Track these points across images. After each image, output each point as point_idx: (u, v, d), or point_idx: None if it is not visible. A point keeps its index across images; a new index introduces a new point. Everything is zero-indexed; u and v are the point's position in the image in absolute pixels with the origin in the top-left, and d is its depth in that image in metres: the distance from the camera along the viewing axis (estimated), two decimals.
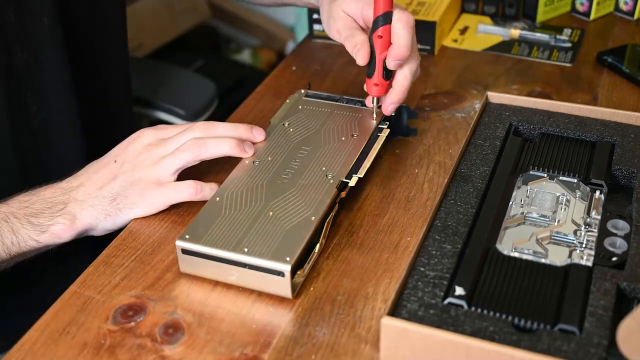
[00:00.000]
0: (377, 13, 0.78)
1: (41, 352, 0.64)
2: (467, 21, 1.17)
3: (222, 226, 0.70)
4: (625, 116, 0.85)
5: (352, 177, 0.77)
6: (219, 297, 0.69)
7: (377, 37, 0.78)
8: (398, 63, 0.79)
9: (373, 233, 0.76)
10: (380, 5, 0.77)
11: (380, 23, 0.78)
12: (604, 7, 1.18)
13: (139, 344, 0.64)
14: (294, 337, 0.65)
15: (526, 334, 0.60)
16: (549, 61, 1.07)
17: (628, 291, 0.65)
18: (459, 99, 0.98)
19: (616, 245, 0.69)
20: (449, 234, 0.70)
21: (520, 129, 0.86)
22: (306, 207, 0.73)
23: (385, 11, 0.77)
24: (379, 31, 0.78)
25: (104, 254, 0.74)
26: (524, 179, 0.78)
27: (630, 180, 0.78)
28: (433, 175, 0.83)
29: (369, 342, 0.64)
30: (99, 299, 0.69)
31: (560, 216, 0.73)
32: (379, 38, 0.78)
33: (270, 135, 0.83)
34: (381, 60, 0.79)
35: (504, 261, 0.67)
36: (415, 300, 0.64)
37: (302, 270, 0.69)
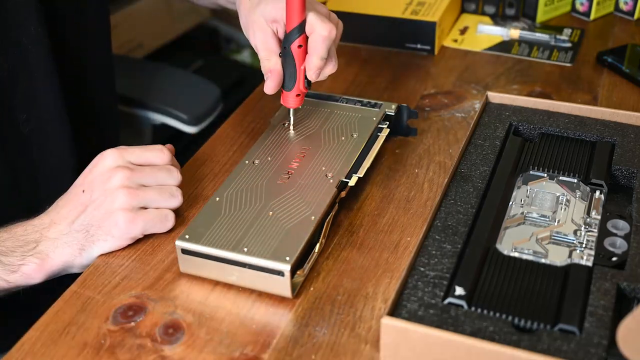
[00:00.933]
0: (292, 25, 0.76)
1: (41, 352, 0.64)
2: (467, 21, 1.17)
3: (222, 226, 0.70)
4: (625, 116, 0.85)
5: (352, 177, 0.77)
6: (219, 297, 0.69)
7: (297, 47, 0.77)
8: (318, 74, 0.78)
9: (373, 233, 0.76)
10: (294, 17, 0.75)
11: (296, 35, 0.76)
12: (604, 7, 1.18)
13: (139, 344, 0.64)
14: (294, 337, 0.65)
15: (526, 334, 0.60)
16: (549, 61, 1.07)
17: (628, 291, 0.65)
18: (459, 99, 0.98)
19: (616, 245, 0.69)
20: (449, 234, 0.70)
21: (520, 129, 0.86)
22: (306, 207, 0.73)
23: (300, 21, 0.76)
24: (297, 42, 0.76)
25: (104, 254, 0.74)
26: (524, 179, 0.78)
27: (630, 180, 0.78)
28: (433, 175, 0.83)
29: (369, 342, 0.64)
30: (99, 299, 0.69)
31: (560, 216, 0.73)
32: (298, 48, 0.77)
33: (270, 135, 0.83)
34: (302, 70, 0.78)
35: (504, 261, 0.67)
36: (415, 300, 0.64)
37: (302, 270, 0.69)
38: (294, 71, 0.78)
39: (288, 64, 0.78)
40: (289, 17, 0.76)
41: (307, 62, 0.77)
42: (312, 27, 0.75)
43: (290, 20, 0.76)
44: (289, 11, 0.75)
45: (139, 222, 0.72)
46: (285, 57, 0.78)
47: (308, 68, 0.77)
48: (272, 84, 0.78)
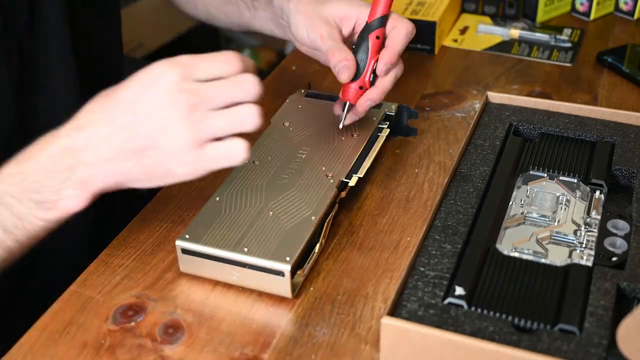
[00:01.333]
0: (375, 15, 0.78)
1: (41, 352, 0.64)
2: (467, 21, 1.17)
3: (222, 226, 0.70)
4: (625, 116, 0.85)
5: (352, 177, 0.77)
6: (219, 297, 0.69)
7: (375, 38, 0.77)
8: (389, 68, 0.78)
9: (373, 233, 0.76)
10: (379, 7, 0.77)
11: (377, 25, 0.77)
12: (604, 7, 1.18)
13: (139, 344, 0.64)
14: (294, 337, 0.65)
15: (526, 334, 0.60)
16: (549, 61, 1.07)
17: (628, 291, 0.65)
18: (459, 99, 0.98)
19: (616, 245, 0.69)
20: (449, 234, 0.70)
21: (520, 129, 0.86)
22: (306, 207, 0.73)
23: (383, 14, 0.77)
24: (376, 32, 0.77)
25: (104, 254, 0.74)
26: (524, 179, 0.78)
27: (630, 180, 0.78)
28: (433, 175, 0.83)
29: (369, 342, 0.64)
30: (99, 299, 0.69)
31: (560, 216, 0.73)
32: (376, 39, 0.77)
33: (270, 135, 0.83)
34: (372, 63, 0.78)
35: (504, 261, 0.67)
36: (415, 300, 0.64)
37: (302, 270, 0.69)
38: (365, 60, 0.78)
39: (360, 54, 0.78)
40: (374, 6, 0.77)
41: (383, 55, 0.77)
42: (395, 21, 0.77)
43: (374, 10, 0.77)
44: (377, 1, 0.77)
45: (203, 162, 0.63)
46: (359, 46, 0.78)
47: (382, 61, 0.77)
48: (349, 73, 0.77)
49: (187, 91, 0.61)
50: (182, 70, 0.62)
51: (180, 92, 0.61)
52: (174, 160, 0.62)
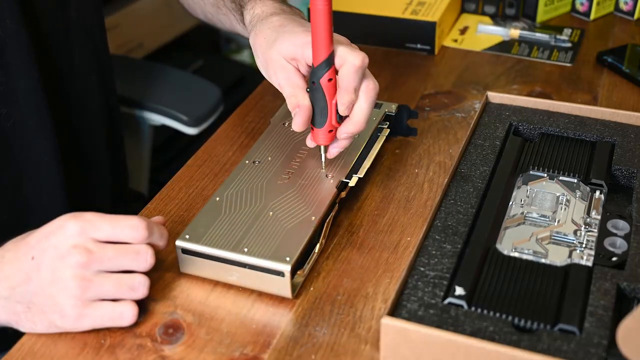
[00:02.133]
0: (320, 59, 0.71)
1: (41, 352, 0.64)
2: (467, 21, 1.17)
3: (222, 226, 0.70)
4: (625, 116, 0.85)
5: (352, 177, 0.77)
6: (219, 297, 0.69)
7: (327, 82, 0.72)
8: (350, 108, 0.72)
9: (373, 233, 0.76)
10: (321, 50, 0.70)
11: (324, 69, 0.71)
12: (604, 7, 1.18)
13: (139, 344, 0.64)
14: (294, 337, 0.65)
15: (526, 334, 0.60)
16: (549, 61, 1.07)
17: (628, 291, 0.65)
18: (459, 99, 0.98)
19: (616, 245, 0.69)
20: (449, 234, 0.70)
21: (520, 129, 0.86)
22: (306, 207, 0.73)
23: (328, 54, 0.71)
24: (326, 75, 0.71)
25: None
26: (524, 179, 0.78)
27: (630, 180, 0.78)
28: (433, 175, 0.83)
29: (369, 342, 0.64)
30: None
31: (560, 216, 0.73)
32: (328, 82, 0.72)
33: (270, 135, 0.83)
34: (334, 104, 0.72)
35: (504, 261, 0.67)
36: (415, 300, 0.64)
37: (302, 270, 0.69)
38: (325, 106, 0.73)
39: (318, 100, 0.73)
40: (315, 50, 0.70)
41: (339, 96, 0.72)
42: (343, 59, 0.71)
43: (317, 54, 0.71)
44: (316, 44, 0.70)
45: (86, 320, 0.63)
46: (315, 93, 0.73)
47: (340, 102, 0.72)
48: (300, 120, 0.73)
49: (81, 247, 0.62)
50: (82, 226, 0.63)
51: (74, 247, 0.62)
52: (57, 312, 0.63)
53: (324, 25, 0.69)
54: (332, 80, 0.72)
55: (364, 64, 0.71)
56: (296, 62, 0.73)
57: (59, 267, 0.62)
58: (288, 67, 0.74)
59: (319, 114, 0.73)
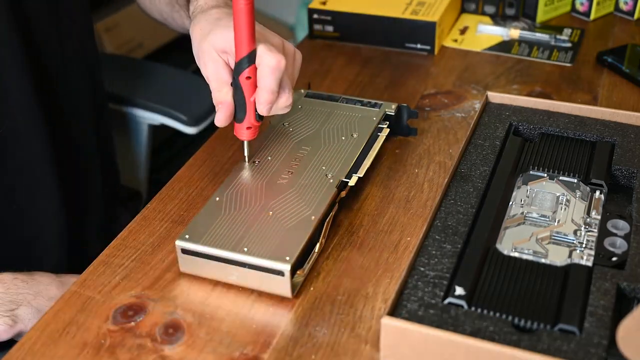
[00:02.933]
0: (241, 54, 0.71)
1: (41, 352, 0.64)
2: (467, 21, 1.17)
3: (222, 226, 0.70)
4: (625, 116, 0.85)
5: (352, 177, 0.77)
6: (219, 297, 0.69)
7: (245, 79, 0.72)
8: (269, 108, 0.73)
9: (373, 233, 0.76)
10: (242, 47, 0.71)
11: (245, 65, 0.71)
12: (604, 7, 1.18)
13: (139, 344, 0.64)
14: (294, 337, 0.65)
15: (526, 334, 0.60)
16: (549, 61, 1.07)
17: (628, 291, 0.65)
18: (459, 99, 0.98)
19: (616, 245, 0.69)
20: (449, 233, 0.70)
21: (520, 129, 0.86)
22: (306, 207, 0.73)
23: (249, 52, 0.71)
24: (245, 73, 0.72)
25: (104, 254, 0.74)
26: (524, 179, 0.78)
27: (630, 180, 0.78)
28: (433, 175, 0.83)
29: (369, 342, 0.64)
30: (99, 299, 0.69)
31: (560, 216, 0.73)
32: (247, 79, 0.72)
33: (270, 135, 0.83)
34: (252, 103, 0.73)
35: (504, 261, 0.67)
36: (415, 300, 0.64)
37: (302, 270, 0.69)
38: (243, 103, 0.74)
39: (238, 96, 0.74)
40: (237, 46, 0.71)
41: (257, 95, 0.73)
42: (260, 58, 0.71)
43: (238, 50, 0.71)
44: (237, 40, 0.71)
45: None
46: (235, 89, 0.74)
47: (258, 102, 0.73)
48: (221, 116, 0.74)
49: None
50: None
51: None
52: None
53: (244, 23, 0.69)
54: (250, 78, 0.72)
55: (280, 65, 0.71)
56: (226, 55, 0.74)
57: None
58: (218, 60, 0.74)
59: (239, 110, 0.74)
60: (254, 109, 0.74)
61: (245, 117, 0.75)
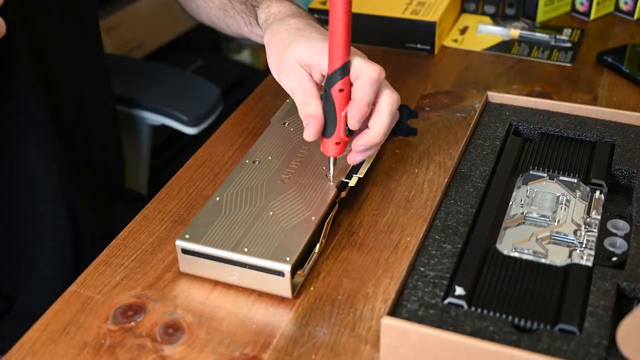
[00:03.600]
0: (334, 66, 0.68)
1: (41, 352, 0.64)
2: (467, 21, 1.17)
3: (222, 226, 0.70)
4: (625, 116, 0.85)
5: (352, 177, 0.77)
6: (219, 297, 0.69)
7: (338, 92, 0.69)
8: (360, 122, 0.70)
9: (373, 233, 0.76)
10: (337, 57, 0.68)
11: (338, 77, 0.69)
12: (604, 7, 1.18)
13: (139, 344, 0.64)
14: (294, 337, 0.65)
15: (526, 334, 0.60)
16: (549, 61, 1.07)
17: (628, 291, 0.65)
18: (459, 98, 0.98)
19: (616, 245, 0.69)
20: (449, 233, 0.70)
21: (520, 129, 0.86)
22: (306, 207, 0.73)
23: (343, 63, 0.68)
24: (338, 85, 0.69)
25: (104, 254, 0.74)
26: (524, 179, 0.78)
27: (630, 180, 0.78)
28: (433, 175, 0.83)
29: (369, 342, 0.64)
30: (99, 299, 0.69)
31: (560, 216, 0.73)
32: (339, 92, 0.69)
33: (270, 135, 0.83)
34: (343, 117, 0.70)
35: (504, 261, 0.67)
36: (415, 300, 0.64)
37: (302, 270, 0.69)
38: (333, 117, 0.71)
39: (328, 109, 0.71)
40: (331, 56, 0.68)
41: (351, 108, 0.70)
42: (359, 70, 0.69)
43: (332, 61, 0.68)
44: (332, 51, 0.68)
45: None
46: (325, 102, 0.71)
47: (351, 115, 0.70)
48: (313, 131, 0.71)
49: None
50: None
51: None
52: None
53: (341, 32, 0.67)
54: (343, 90, 0.69)
55: (380, 77, 0.69)
56: (310, 68, 0.72)
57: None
58: (301, 72, 0.72)
59: (328, 123, 0.72)
60: (344, 123, 0.71)
61: (334, 132, 0.72)
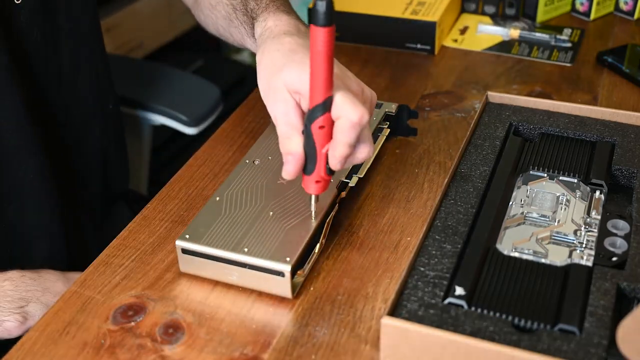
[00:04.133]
0: (315, 102, 0.63)
1: (41, 352, 0.64)
2: (467, 21, 1.17)
3: (222, 226, 0.70)
4: (625, 116, 0.85)
5: (352, 177, 0.77)
6: (219, 297, 0.69)
7: (318, 128, 0.64)
8: (343, 163, 0.66)
9: (373, 233, 0.76)
10: (317, 93, 0.63)
11: (318, 113, 0.63)
12: (604, 7, 1.18)
13: (139, 344, 0.64)
14: (294, 337, 0.65)
15: (526, 334, 0.60)
16: (549, 61, 1.07)
17: (628, 291, 0.65)
18: (459, 98, 0.98)
19: (616, 245, 0.69)
20: (449, 233, 0.70)
21: (520, 129, 0.86)
22: (306, 207, 0.73)
23: (324, 99, 0.63)
24: (319, 121, 0.64)
25: (104, 254, 0.74)
26: (524, 179, 0.78)
27: (630, 180, 0.78)
28: (433, 175, 0.83)
29: (369, 342, 0.64)
30: (99, 299, 0.69)
31: (560, 216, 0.73)
32: (320, 129, 0.64)
33: (270, 135, 0.83)
34: (324, 154, 0.65)
35: (504, 261, 0.67)
36: (415, 300, 0.64)
37: (302, 270, 0.69)
38: (313, 154, 0.66)
39: (308, 146, 0.66)
40: (312, 92, 0.63)
41: (331, 148, 0.65)
42: (339, 110, 0.63)
43: (313, 96, 0.63)
44: (313, 86, 0.63)
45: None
46: (306, 137, 0.66)
47: (331, 155, 0.65)
48: (290, 169, 0.67)
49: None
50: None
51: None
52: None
53: (323, 67, 0.61)
54: (324, 127, 0.64)
55: (362, 121, 0.63)
56: (299, 96, 0.66)
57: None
58: (289, 100, 0.67)
59: (307, 161, 0.67)
60: (325, 162, 0.66)
61: (315, 170, 0.67)
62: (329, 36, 0.61)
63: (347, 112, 0.63)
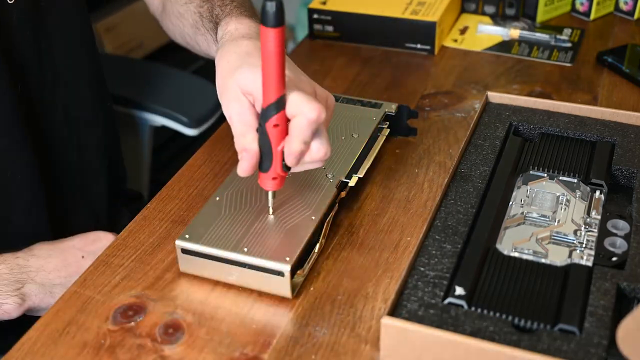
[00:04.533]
0: (268, 101, 0.64)
1: (41, 352, 0.64)
2: (467, 21, 1.17)
3: (222, 226, 0.70)
4: (625, 116, 0.85)
5: (352, 177, 0.77)
6: (219, 297, 0.69)
7: (273, 127, 0.65)
8: (298, 160, 0.66)
9: (373, 233, 0.76)
10: (270, 92, 0.63)
11: (272, 112, 0.64)
12: (604, 7, 1.18)
13: (139, 344, 0.64)
14: (294, 337, 0.65)
15: (526, 334, 0.60)
16: (549, 61, 1.07)
17: (628, 291, 0.65)
18: (459, 99, 0.98)
19: (616, 245, 0.69)
20: (449, 233, 0.70)
21: (520, 129, 0.86)
22: (306, 207, 0.73)
23: (277, 98, 0.64)
24: (273, 120, 0.64)
25: (104, 254, 0.74)
26: (524, 179, 0.78)
27: (630, 180, 0.78)
28: (433, 175, 0.83)
29: (369, 342, 0.64)
30: (99, 299, 0.69)
31: (560, 216, 0.73)
32: (274, 127, 0.65)
33: None
34: (280, 152, 0.66)
35: (504, 261, 0.67)
36: (415, 300, 0.64)
37: (301, 270, 0.69)
38: (269, 152, 0.66)
39: (264, 143, 0.66)
40: (265, 91, 0.64)
41: (287, 145, 0.65)
42: (296, 108, 0.64)
43: (266, 96, 0.64)
44: (266, 85, 0.63)
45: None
46: (261, 136, 0.66)
47: (287, 152, 0.65)
48: (245, 166, 0.67)
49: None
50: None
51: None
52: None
53: (274, 66, 0.62)
54: (279, 126, 0.65)
55: (319, 118, 0.64)
56: (253, 97, 0.67)
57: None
58: (243, 100, 0.67)
59: (264, 158, 0.67)
60: (281, 159, 0.67)
61: (271, 167, 0.68)
62: (279, 36, 0.61)
63: (304, 110, 0.64)
